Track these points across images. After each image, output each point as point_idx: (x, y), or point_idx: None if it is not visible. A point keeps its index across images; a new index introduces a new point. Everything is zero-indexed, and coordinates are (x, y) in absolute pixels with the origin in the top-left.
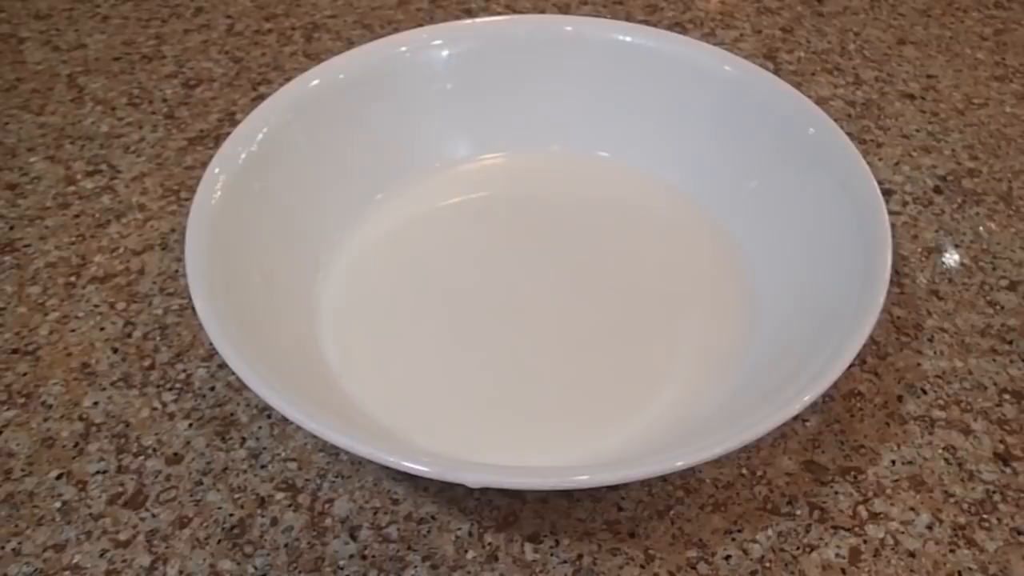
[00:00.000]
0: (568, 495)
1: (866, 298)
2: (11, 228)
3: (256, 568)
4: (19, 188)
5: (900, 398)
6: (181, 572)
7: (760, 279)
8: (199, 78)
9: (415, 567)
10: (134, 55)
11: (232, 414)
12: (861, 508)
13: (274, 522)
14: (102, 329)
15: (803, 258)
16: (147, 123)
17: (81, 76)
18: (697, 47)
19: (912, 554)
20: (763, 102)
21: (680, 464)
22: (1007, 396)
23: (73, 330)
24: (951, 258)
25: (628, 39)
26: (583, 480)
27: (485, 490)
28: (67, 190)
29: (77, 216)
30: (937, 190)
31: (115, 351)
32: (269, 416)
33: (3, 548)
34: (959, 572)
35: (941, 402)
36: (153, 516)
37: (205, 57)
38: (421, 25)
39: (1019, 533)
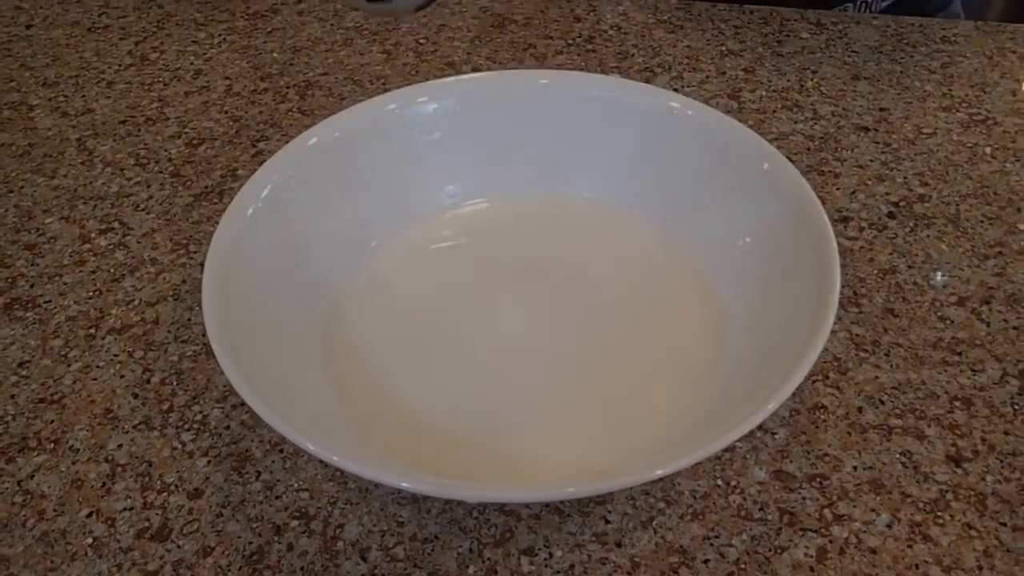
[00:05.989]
0: (559, 511)
1: (818, 319)
2: (32, 286)
3: None
4: (37, 248)
5: (860, 409)
6: None
7: (728, 304)
8: (201, 137)
9: None
10: (139, 118)
11: (247, 450)
12: (827, 511)
13: (290, 548)
14: (122, 377)
15: (765, 282)
16: (154, 182)
17: (90, 139)
18: (663, 96)
19: (874, 551)
20: (723, 142)
21: (660, 472)
22: (957, 403)
23: (95, 379)
24: (904, 278)
25: (599, 91)
26: (570, 492)
27: (483, 509)
28: (82, 248)
29: (93, 272)
30: (891, 215)
31: (135, 396)
32: (281, 451)
33: None
34: (916, 565)
35: (898, 411)
36: (178, 547)
37: (206, 117)
38: (408, 79)
39: (970, 528)
